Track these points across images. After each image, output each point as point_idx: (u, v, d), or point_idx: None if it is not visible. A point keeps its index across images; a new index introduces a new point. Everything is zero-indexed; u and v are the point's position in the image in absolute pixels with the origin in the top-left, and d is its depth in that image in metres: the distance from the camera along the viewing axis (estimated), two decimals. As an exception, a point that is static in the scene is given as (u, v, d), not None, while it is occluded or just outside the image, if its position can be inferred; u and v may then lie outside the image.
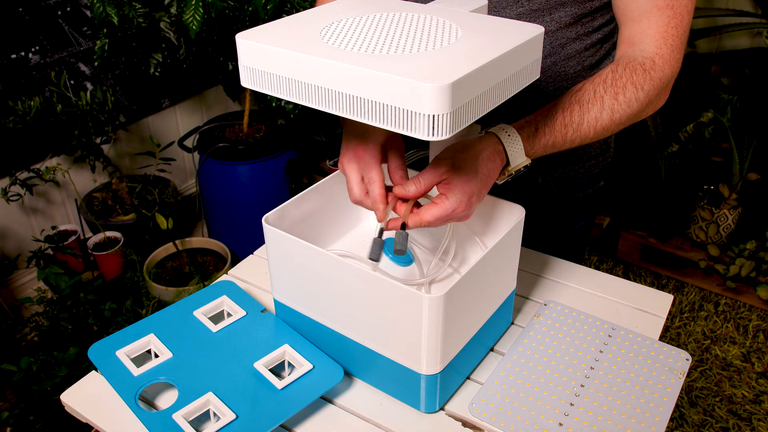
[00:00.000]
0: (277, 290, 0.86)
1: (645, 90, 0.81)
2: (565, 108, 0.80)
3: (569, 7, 0.90)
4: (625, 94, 0.80)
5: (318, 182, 0.90)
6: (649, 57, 0.82)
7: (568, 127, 0.80)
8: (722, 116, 2.13)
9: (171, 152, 2.41)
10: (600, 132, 0.82)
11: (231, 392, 0.77)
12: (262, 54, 0.66)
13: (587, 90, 0.81)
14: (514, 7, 0.90)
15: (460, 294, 0.72)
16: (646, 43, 0.83)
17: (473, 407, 0.79)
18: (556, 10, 0.90)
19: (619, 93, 0.80)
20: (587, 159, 1.07)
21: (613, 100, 0.80)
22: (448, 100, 0.57)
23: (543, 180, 1.07)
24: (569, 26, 0.92)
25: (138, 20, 1.83)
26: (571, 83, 0.97)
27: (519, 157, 0.78)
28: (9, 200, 1.95)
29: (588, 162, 1.07)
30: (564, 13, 0.91)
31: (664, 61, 0.82)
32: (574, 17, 0.91)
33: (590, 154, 1.07)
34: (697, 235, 2.27)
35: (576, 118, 0.80)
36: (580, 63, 0.95)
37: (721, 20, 2.28)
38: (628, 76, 0.81)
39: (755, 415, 1.82)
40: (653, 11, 0.82)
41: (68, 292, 1.82)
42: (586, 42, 0.94)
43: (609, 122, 0.81)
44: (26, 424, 1.54)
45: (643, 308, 0.94)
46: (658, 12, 0.82)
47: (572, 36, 0.93)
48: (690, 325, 2.12)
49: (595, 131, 0.81)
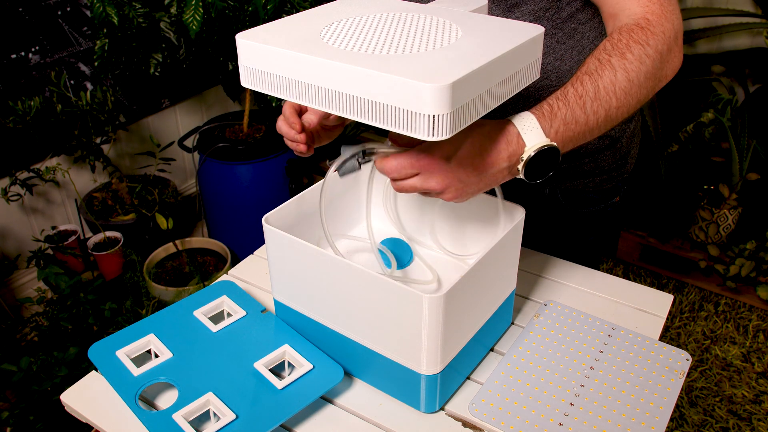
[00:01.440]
0: (277, 290, 0.86)
1: (651, 45, 0.75)
2: (574, 82, 0.75)
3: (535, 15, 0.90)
4: (632, 52, 0.75)
5: (318, 182, 0.90)
6: (641, 16, 0.77)
7: (584, 97, 0.73)
8: (722, 116, 2.13)
9: (171, 152, 2.41)
10: (622, 97, 0.75)
11: (231, 392, 0.77)
12: (262, 54, 0.66)
13: (591, 62, 0.76)
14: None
15: (460, 294, 0.72)
16: (630, 8, 0.79)
17: (473, 407, 0.79)
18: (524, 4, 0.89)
19: (625, 52, 0.75)
20: (598, 173, 1.05)
21: (621, 60, 0.75)
22: (448, 100, 0.57)
23: (551, 191, 1.06)
24: (539, 19, 0.90)
25: (138, 20, 1.83)
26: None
27: (536, 136, 0.71)
28: (9, 200, 1.95)
29: (599, 176, 1.05)
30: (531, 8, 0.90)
31: (658, 16, 0.77)
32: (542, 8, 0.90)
33: (602, 169, 1.05)
34: (697, 235, 2.27)
35: (589, 87, 0.74)
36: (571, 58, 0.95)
37: (721, 20, 2.28)
38: (628, 37, 0.76)
39: (755, 415, 1.82)
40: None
41: (68, 292, 1.82)
42: (558, 35, 0.93)
43: (627, 83, 0.74)
44: (26, 424, 1.54)
45: (643, 308, 0.94)
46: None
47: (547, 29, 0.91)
48: (690, 325, 2.12)
49: (617, 97, 0.74)
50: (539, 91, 0.95)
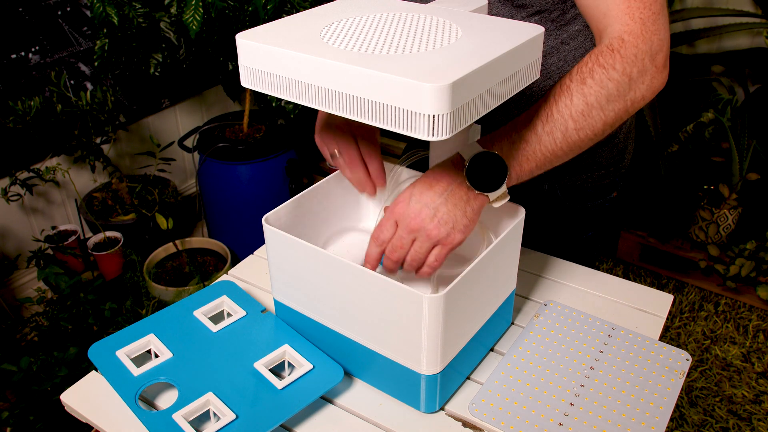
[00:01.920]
0: (277, 290, 0.86)
1: (617, 69, 0.75)
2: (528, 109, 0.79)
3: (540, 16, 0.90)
4: (593, 77, 0.76)
5: (318, 182, 0.90)
6: (617, 36, 0.77)
7: (535, 119, 0.77)
8: (722, 116, 2.13)
9: (171, 152, 2.41)
10: (580, 119, 0.76)
11: (231, 392, 0.77)
12: (262, 54, 0.66)
13: (555, 86, 0.78)
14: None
15: (460, 294, 0.72)
16: (612, 25, 0.79)
17: (473, 407, 0.79)
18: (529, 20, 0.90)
19: (586, 78, 0.76)
20: (596, 168, 1.06)
21: (581, 85, 0.76)
22: (448, 100, 0.57)
23: (549, 187, 1.06)
24: (543, 20, 0.92)
25: (138, 20, 1.83)
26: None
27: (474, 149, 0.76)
28: (9, 200, 1.95)
29: (597, 171, 1.06)
30: (537, 8, 0.91)
31: (635, 36, 0.76)
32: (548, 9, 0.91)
33: (600, 164, 1.05)
34: (697, 235, 2.27)
35: (542, 111, 0.77)
36: (574, 59, 0.95)
37: (721, 20, 2.28)
38: (594, 61, 0.76)
39: (755, 415, 1.82)
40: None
41: (68, 292, 1.82)
42: (563, 36, 0.93)
43: (585, 106, 0.75)
44: (26, 424, 1.54)
45: (643, 308, 0.94)
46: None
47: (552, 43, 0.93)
48: (690, 325, 2.12)
49: (573, 119, 0.76)
50: (542, 91, 0.95)
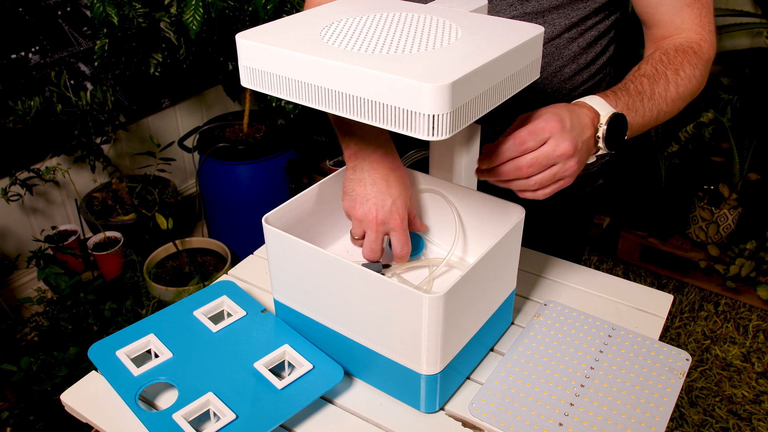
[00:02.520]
0: (277, 290, 0.86)
1: (699, 68, 0.86)
2: (633, 80, 0.83)
3: (563, 10, 0.90)
4: (684, 71, 0.84)
5: (318, 182, 0.90)
6: (696, 41, 0.88)
7: (642, 94, 0.82)
8: (722, 116, 2.13)
9: (171, 152, 2.41)
10: (671, 105, 0.84)
11: (231, 392, 0.77)
12: (262, 54, 0.66)
13: (647, 67, 0.84)
14: (508, 11, 0.91)
15: (460, 294, 0.72)
16: (686, 33, 0.88)
17: (473, 407, 0.79)
18: (550, 13, 0.90)
19: (678, 69, 0.84)
20: None
21: (675, 75, 0.84)
22: (448, 100, 0.57)
23: None
24: (564, 29, 0.92)
25: (138, 20, 1.83)
26: (568, 83, 0.97)
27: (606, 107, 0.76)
28: (9, 200, 1.95)
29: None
30: (558, 15, 0.91)
31: (708, 44, 0.89)
32: (569, 19, 0.91)
33: None
34: (697, 235, 2.27)
35: (647, 87, 0.83)
36: (576, 62, 0.95)
37: (721, 20, 2.28)
38: (682, 56, 0.85)
39: (755, 415, 1.82)
40: (684, 9, 0.88)
41: (68, 292, 1.82)
42: (580, 42, 0.94)
43: (676, 95, 0.84)
44: (26, 424, 1.54)
45: (643, 308, 0.94)
46: (689, 9, 0.88)
47: (567, 37, 0.93)
48: (690, 325, 2.12)
49: (667, 103, 0.84)
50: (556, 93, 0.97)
